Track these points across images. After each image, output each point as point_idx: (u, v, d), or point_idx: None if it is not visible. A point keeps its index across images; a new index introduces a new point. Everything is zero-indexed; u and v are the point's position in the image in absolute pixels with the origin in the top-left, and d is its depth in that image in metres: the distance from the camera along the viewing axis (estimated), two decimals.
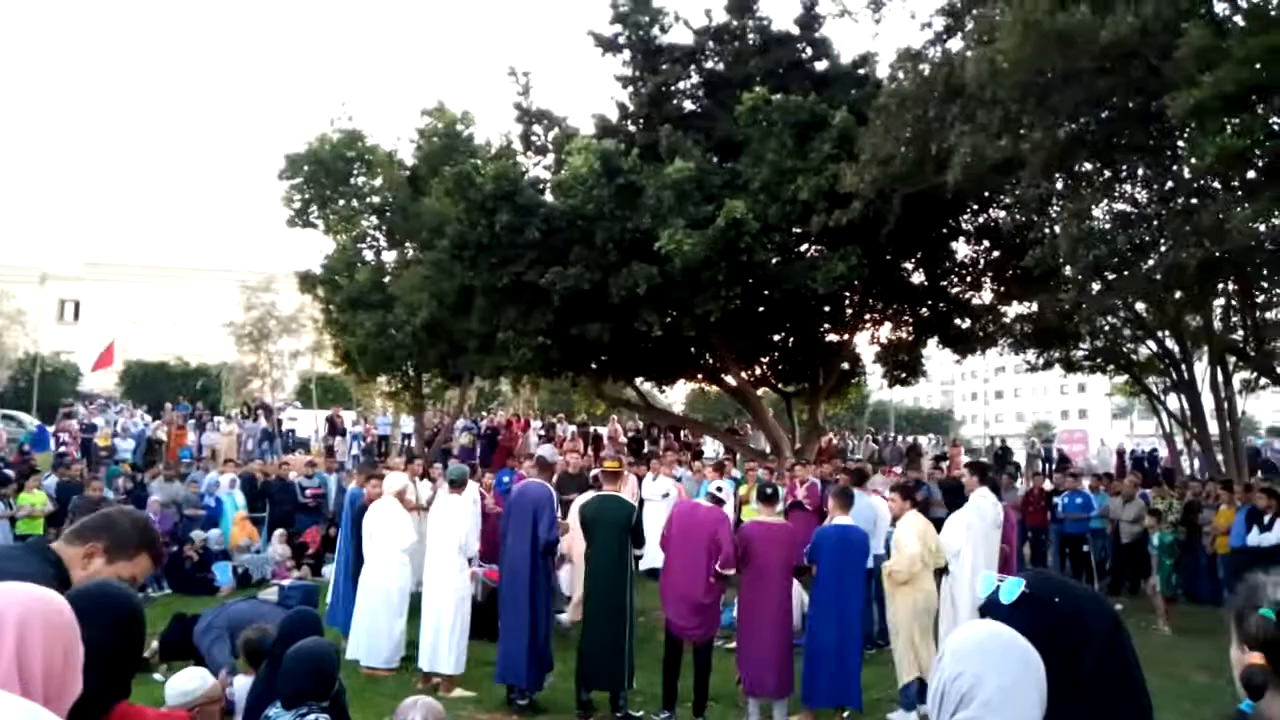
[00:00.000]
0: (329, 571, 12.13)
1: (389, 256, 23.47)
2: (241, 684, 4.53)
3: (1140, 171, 14.13)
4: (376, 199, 23.09)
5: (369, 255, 23.20)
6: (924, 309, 18.86)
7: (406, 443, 25.44)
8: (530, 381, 22.10)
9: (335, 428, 26.08)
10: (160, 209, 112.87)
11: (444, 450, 21.82)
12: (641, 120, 18.21)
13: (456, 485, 8.09)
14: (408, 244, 22.29)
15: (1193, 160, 10.88)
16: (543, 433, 25.25)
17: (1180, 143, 12.05)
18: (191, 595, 11.26)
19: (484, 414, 29.96)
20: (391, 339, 20.16)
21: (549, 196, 17.03)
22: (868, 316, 19.32)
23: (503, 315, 16.39)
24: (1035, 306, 17.06)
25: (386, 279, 21.95)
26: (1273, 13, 10.35)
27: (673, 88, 18.28)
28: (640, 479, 14.00)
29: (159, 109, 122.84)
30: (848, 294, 17.30)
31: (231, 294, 34.48)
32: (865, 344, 20.91)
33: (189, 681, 3.70)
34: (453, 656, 7.53)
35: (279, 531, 13.91)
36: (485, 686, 7.54)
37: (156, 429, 23.07)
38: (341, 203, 22.98)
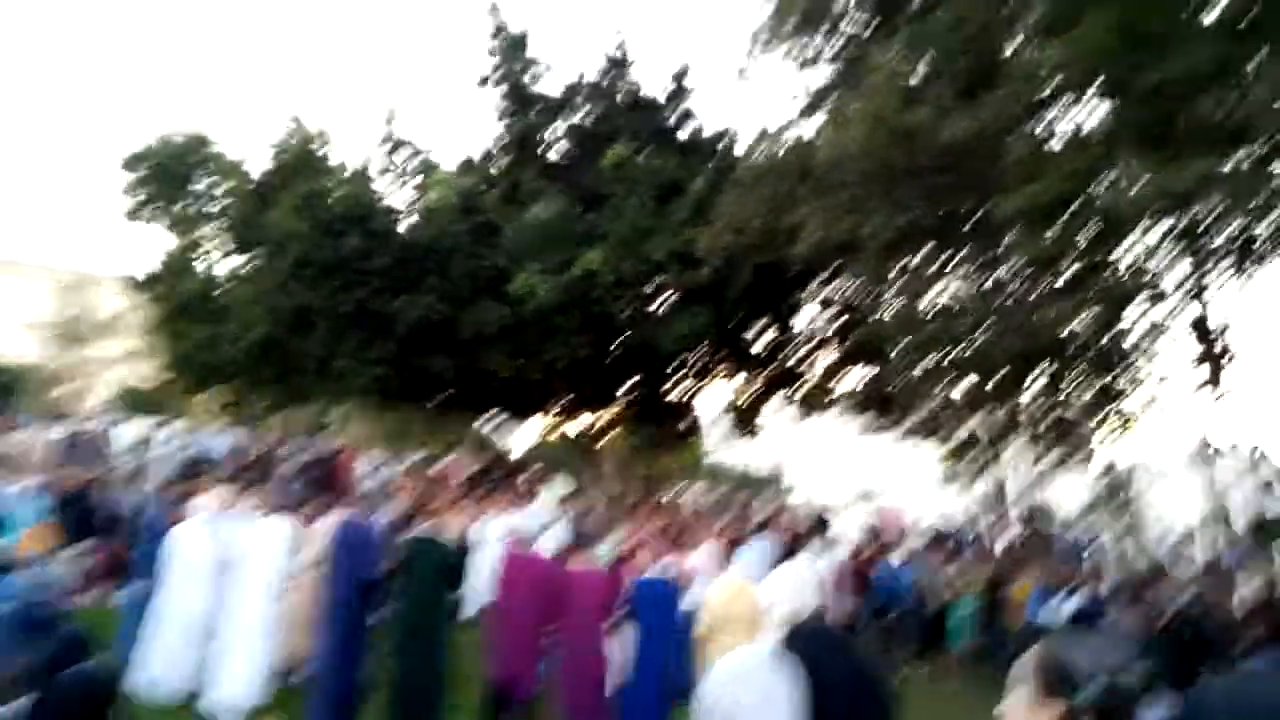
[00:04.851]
0: (125, 593, 11.24)
1: (225, 266, 22.39)
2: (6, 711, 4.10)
3: (966, 266, 15.22)
4: (218, 207, 22.05)
5: (205, 263, 22.05)
6: (766, 370, 19.54)
7: (220, 462, 24.00)
8: (368, 410, 21.43)
9: (147, 442, 24.35)
10: None
11: (265, 474, 20.74)
12: (505, 161, 18.26)
13: (276, 508, 7.72)
14: (247, 255, 21.34)
15: (1013, 260, 11.85)
16: (375, 466, 24.39)
17: (1004, 242, 13.11)
18: None
19: (315, 438, 28.71)
20: (222, 353, 19.14)
21: (403, 226, 16.74)
22: (712, 374, 19.83)
23: (343, 341, 15.90)
24: (870, 374, 17.98)
25: (219, 291, 20.90)
26: (1087, 138, 11.48)
27: (540, 135, 18.45)
28: (473, 520, 13.70)
29: None
30: (695, 350, 17.72)
31: (39, 290, 31.98)
32: (707, 402, 21.42)
33: None
34: (253, 685, 7.07)
35: (72, 548, 12.78)
36: None
37: None
38: (176, 208, 21.81)
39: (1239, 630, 9.83)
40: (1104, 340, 14.99)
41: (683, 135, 18.61)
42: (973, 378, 15.96)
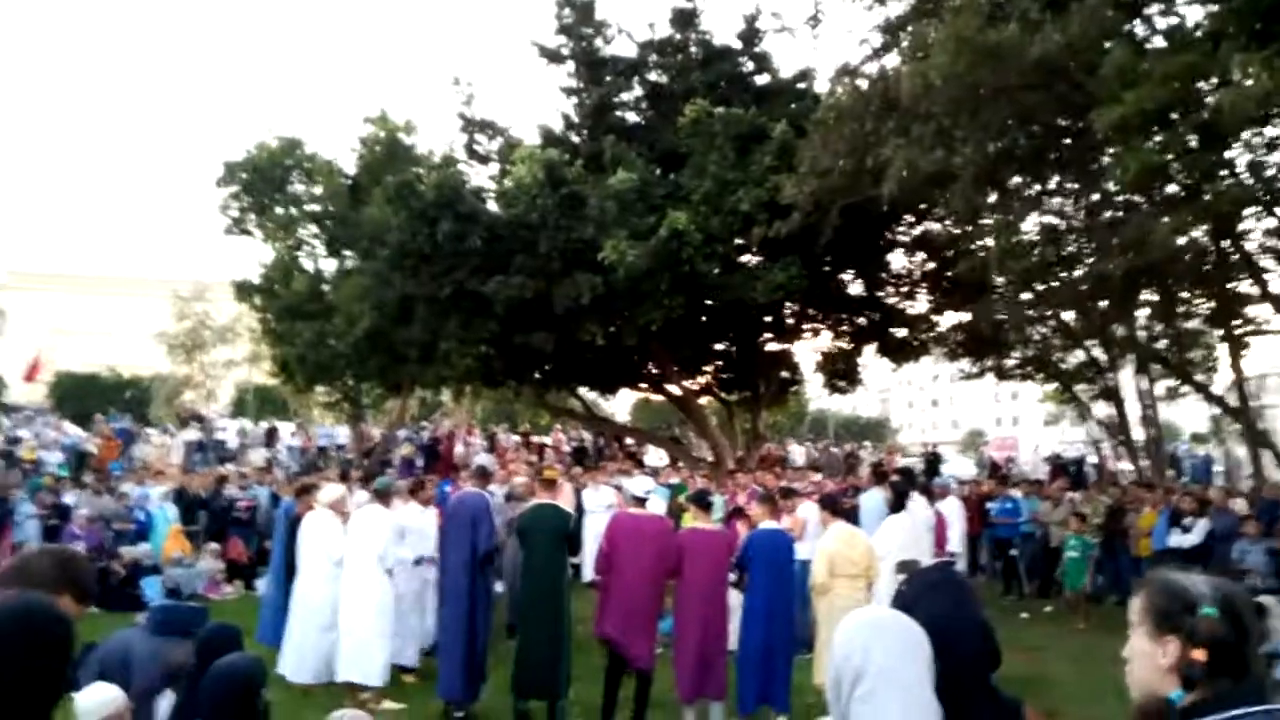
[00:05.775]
0: (262, 585, 11.93)
1: (328, 265, 23.18)
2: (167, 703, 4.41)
3: (1067, 185, 14.55)
4: (316, 207, 22.80)
5: (307, 264, 22.88)
6: (861, 318, 19.16)
7: (340, 453, 25.07)
8: (472, 391, 21.95)
9: (273, 439, 25.59)
10: (88, 216, 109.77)
11: (383, 461, 21.55)
12: (585, 131, 18.24)
13: (381, 495, 8.05)
14: (347, 253, 22.03)
15: (1118, 174, 11.25)
16: (485, 443, 25.07)
17: (1105, 158, 12.45)
18: (118, 612, 10.92)
19: (426, 424, 29.66)
20: (330, 349, 19.87)
21: (493, 205, 16.95)
22: (807, 326, 19.55)
23: (445, 325, 16.24)
24: (968, 316, 17.45)
25: (325, 288, 21.65)
26: (1189, 34, 10.77)
27: (616, 99, 18.35)
28: (582, 489, 13.98)
29: (87, 113, 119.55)
30: (788, 304, 17.50)
31: (163, 303, 33.72)
32: (805, 353, 21.17)
33: (94, 696, 3.57)
34: (373, 667, 7.41)
35: (211, 545, 13.62)
36: (421, 699, 7.46)
37: (87, 441, 22.39)
38: (280, 210, 22.65)
39: None
40: (1222, 247, 14.17)
41: (760, 81, 18.24)
42: (1080, 303, 15.32)
